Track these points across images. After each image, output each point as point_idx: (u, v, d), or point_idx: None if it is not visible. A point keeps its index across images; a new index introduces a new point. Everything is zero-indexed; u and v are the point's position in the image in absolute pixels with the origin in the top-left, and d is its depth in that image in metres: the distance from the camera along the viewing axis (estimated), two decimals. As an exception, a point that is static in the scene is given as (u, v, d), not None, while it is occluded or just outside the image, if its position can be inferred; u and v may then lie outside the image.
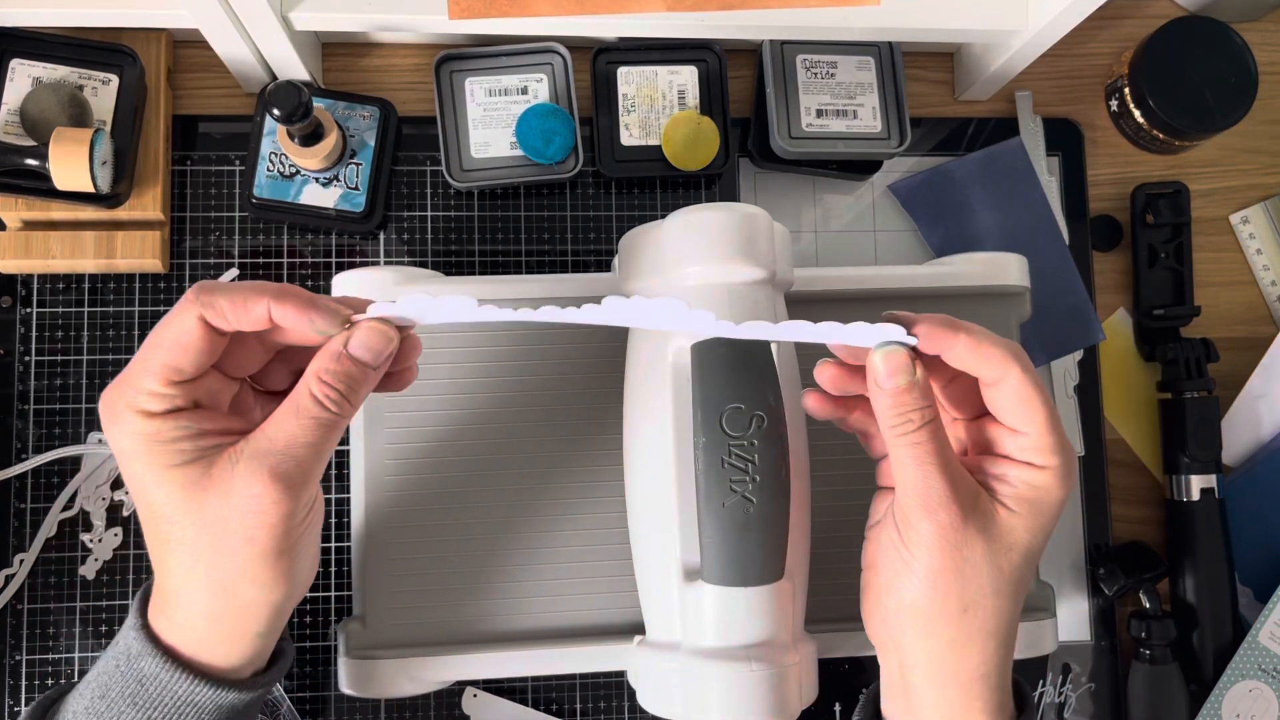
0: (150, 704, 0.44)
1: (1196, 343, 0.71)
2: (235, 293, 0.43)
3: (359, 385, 0.44)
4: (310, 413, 0.43)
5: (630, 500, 0.57)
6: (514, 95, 0.68)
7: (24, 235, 0.64)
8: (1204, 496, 0.69)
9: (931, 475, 0.43)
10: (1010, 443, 0.45)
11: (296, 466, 0.43)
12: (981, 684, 0.45)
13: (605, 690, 0.67)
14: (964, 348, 0.44)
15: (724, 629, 0.51)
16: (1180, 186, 0.74)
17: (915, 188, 0.73)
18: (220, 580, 0.43)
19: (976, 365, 0.44)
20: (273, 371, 0.48)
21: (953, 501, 0.43)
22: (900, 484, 0.44)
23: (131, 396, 0.43)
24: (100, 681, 0.46)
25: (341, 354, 0.43)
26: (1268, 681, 0.66)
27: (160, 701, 0.44)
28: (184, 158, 0.69)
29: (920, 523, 0.43)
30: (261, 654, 0.47)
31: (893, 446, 0.44)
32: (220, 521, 0.42)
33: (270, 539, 0.43)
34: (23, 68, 0.64)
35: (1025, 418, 0.44)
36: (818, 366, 0.48)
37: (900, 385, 0.43)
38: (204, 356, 0.43)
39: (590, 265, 0.70)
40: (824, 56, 0.69)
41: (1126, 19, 0.76)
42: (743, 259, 0.53)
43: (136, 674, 0.44)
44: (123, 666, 0.45)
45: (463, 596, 0.59)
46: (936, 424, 0.44)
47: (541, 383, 0.60)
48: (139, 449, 0.42)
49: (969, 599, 0.44)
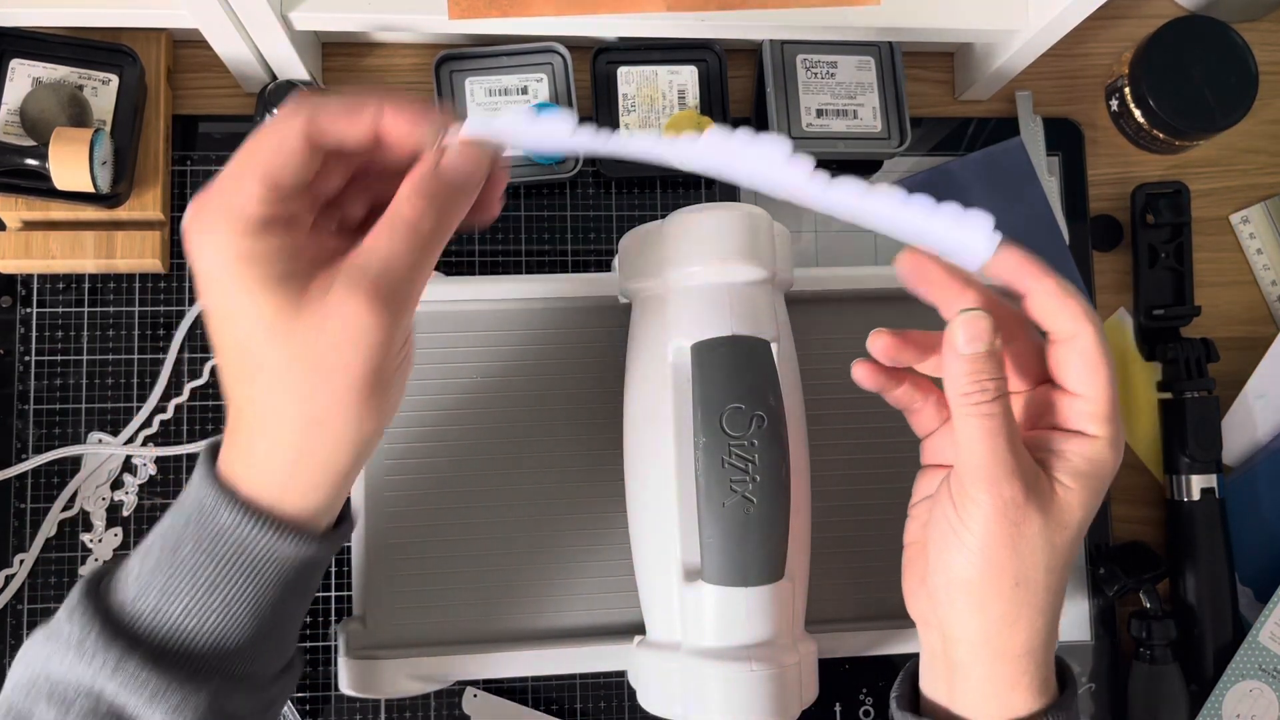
0: (229, 558, 0.42)
1: (1196, 343, 0.71)
2: (343, 99, 0.41)
3: (454, 206, 0.41)
4: (407, 230, 0.40)
5: (630, 500, 0.57)
6: (514, 95, 0.68)
7: (24, 235, 0.64)
8: (1204, 496, 0.69)
9: (1000, 448, 0.42)
10: (1067, 407, 0.45)
11: (395, 288, 0.40)
12: (1028, 659, 0.45)
13: (605, 690, 0.67)
14: (1049, 292, 0.43)
15: (724, 629, 0.51)
16: (1180, 186, 0.74)
17: (915, 188, 0.72)
18: (310, 413, 0.40)
19: (1055, 315, 0.43)
20: (350, 199, 0.45)
21: (1016, 476, 0.42)
22: (964, 455, 0.43)
23: (228, 203, 0.39)
24: (168, 540, 0.43)
25: (436, 172, 0.41)
26: (1268, 681, 0.66)
27: (240, 555, 0.42)
28: (184, 158, 0.69)
29: (980, 495, 0.43)
30: (334, 506, 0.44)
31: (961, 416, 0.43)
32: (313, 348, 0.39)
33: (366, 368, 0.40)
34: (23, 68, 0.64)
35: (1089, 380, 0.43)
36: (871, 335, 0.47)
37: (979, 351, 0.42)
38: (304, 171, 0.40)
39: (590, 265, 0.70)
40: (824, 56, 0.69)
41: (1126, 19, 0.76)
42: (743, 259, 0.53)
43: (213, 528, 0.42)
44: (195, 522, 0.42)
45: (463, 596, 0.59)
46: (1007, 396, 0.43)
47: (542, 383, 0.60)
48: (229, 266, 0.39)
49: (1022, 574, 0.43)
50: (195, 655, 0.42)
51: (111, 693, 0.41)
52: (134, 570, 0.43)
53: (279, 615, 0.44)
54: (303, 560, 0.43)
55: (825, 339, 0.61)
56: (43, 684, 0.42)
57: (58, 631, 0.42)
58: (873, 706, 0.68)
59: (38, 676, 0.42)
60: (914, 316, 0.62)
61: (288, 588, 0.44)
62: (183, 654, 0.42)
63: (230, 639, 0.42)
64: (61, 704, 0.41)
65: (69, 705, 0.41)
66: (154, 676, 0.41)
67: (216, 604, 0.42)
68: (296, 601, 0.45)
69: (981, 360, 0.42)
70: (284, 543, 0.42)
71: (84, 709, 0.41)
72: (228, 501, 0.42)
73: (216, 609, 0.42)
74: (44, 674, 0.42)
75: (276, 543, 0.42)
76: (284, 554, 0.42)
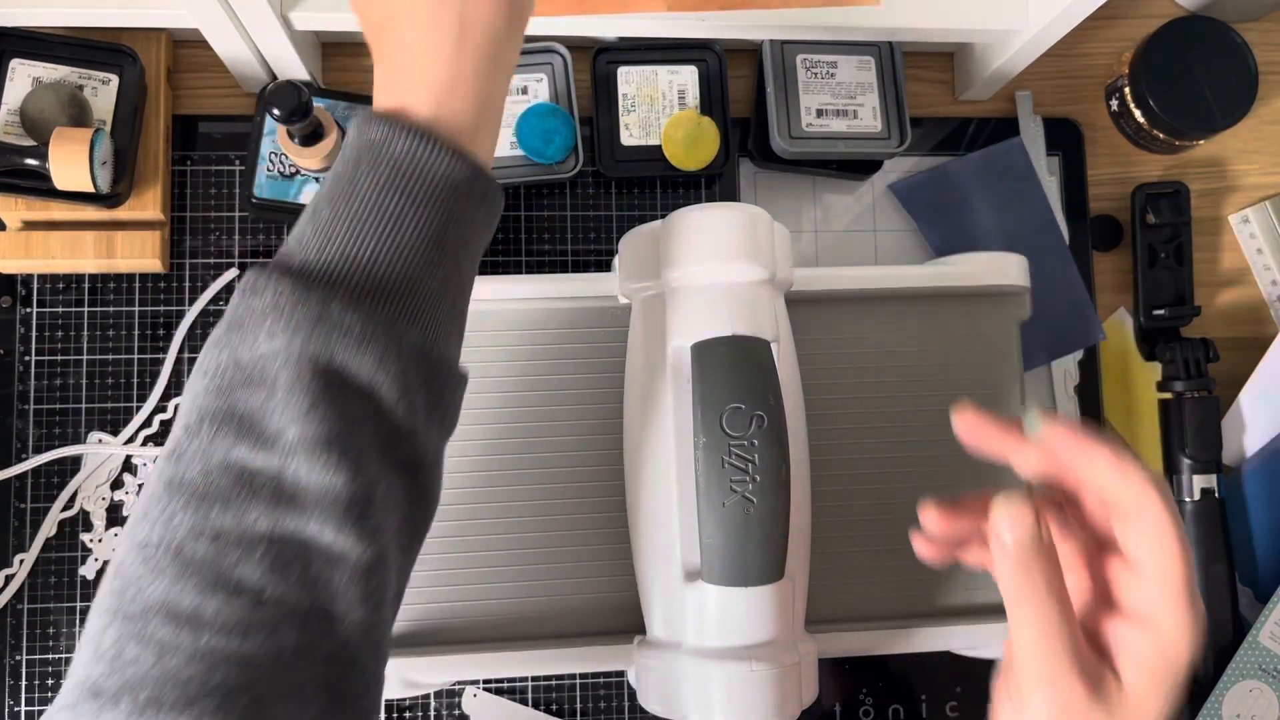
0: (410, 187, 0.41)
1: (1196, 343, 0.71)
2: None
3: None
4: None
5: (630, 500, 0.57)
6: (514, 95, 0.68)
7: (24, 235, 0.64)
8: (1204, 496, 0.69)
9: (1055, 644, 0.39)
10: (1134, 586, 0.40)
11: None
12: None
13: (605, 690, 0.67)
14: (1105, 464, 0.39)
15: (724, 629, 0.51)
16: (1180, 186, 0.74)
17: (915, 188, 0.73)
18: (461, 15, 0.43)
19: (1115, 487, 0.39)
20: None
21: (1075, 674, 0.38)
22: (1018, 652, 0.40)
23: None
24: (337, 192, 0.42)
25: None
26: (1268, 681, 0.66)
27: (421, 180, 0.41)
28: (184, 158, 0.69)
29: (1036, 695, 0.39)
30: (489, 133, 0.45)
31: (1012, 610, 0.40)
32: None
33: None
34: (23, 68, 0.64)
35: (1159, 555, 0.38)
36: (920, 510, 0.44)
37: (1024, 544, 0.39)
38: None
39: (590, 265, 0.70)
40: (824, 56, 0.69)
41: (1126, 19, 0.76)
42: (743, 259, 0.53)
43: (389, 161, 0.41)
44: (368, 162, 0.42)
45: (462, 596, 0.59)
46: (1062, 588, 0.39)
47: (542, 383, 0.60)
48: None
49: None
50: (393, 293, 0.40)
51: (315, 349, 0.38)
52: (305, 235, 0.41)
53: (460, 256, 0.44)
54: (478, 185, 0.43)
55: (825, 339, 0.61)
56: (232, 375, 0.39)
57: (235, 321, 0.39)
58: (873, 706, 0.68)
59: (223, 371, 0.39)
60: (913, 316, 0.63)
61: (467, 221, 0.43)
62: (382, 293, 0.40)
63: (421, 278, 0.41)
64: (261, 382, 0.38)
65: (272, 379, 0.38)
66: (359, 319, 0.39)
67: (407, 237, 0.41)
68: (476, 241, 0.45)
69: (1028, 552, 0.39)
70: (457, 162, 0.42)
71: (290, 378, 0.38)
72: (400, 130, 0.42)
73: (407, 242, 0.41)
74: (230, 364, 0.39)
75: (451, 162, 0.42)
76: (459, 174, 0.42)
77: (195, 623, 0.36)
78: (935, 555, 0.45)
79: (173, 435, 0.39)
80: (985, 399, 0.63)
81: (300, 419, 0.38)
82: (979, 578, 0.62)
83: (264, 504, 0.37)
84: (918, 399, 0.62)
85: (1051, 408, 0.72)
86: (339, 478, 0.38)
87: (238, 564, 0.37)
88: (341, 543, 0.38)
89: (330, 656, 0.38)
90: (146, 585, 0.36)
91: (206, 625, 0.36)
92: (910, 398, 0.62)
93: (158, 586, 0.36)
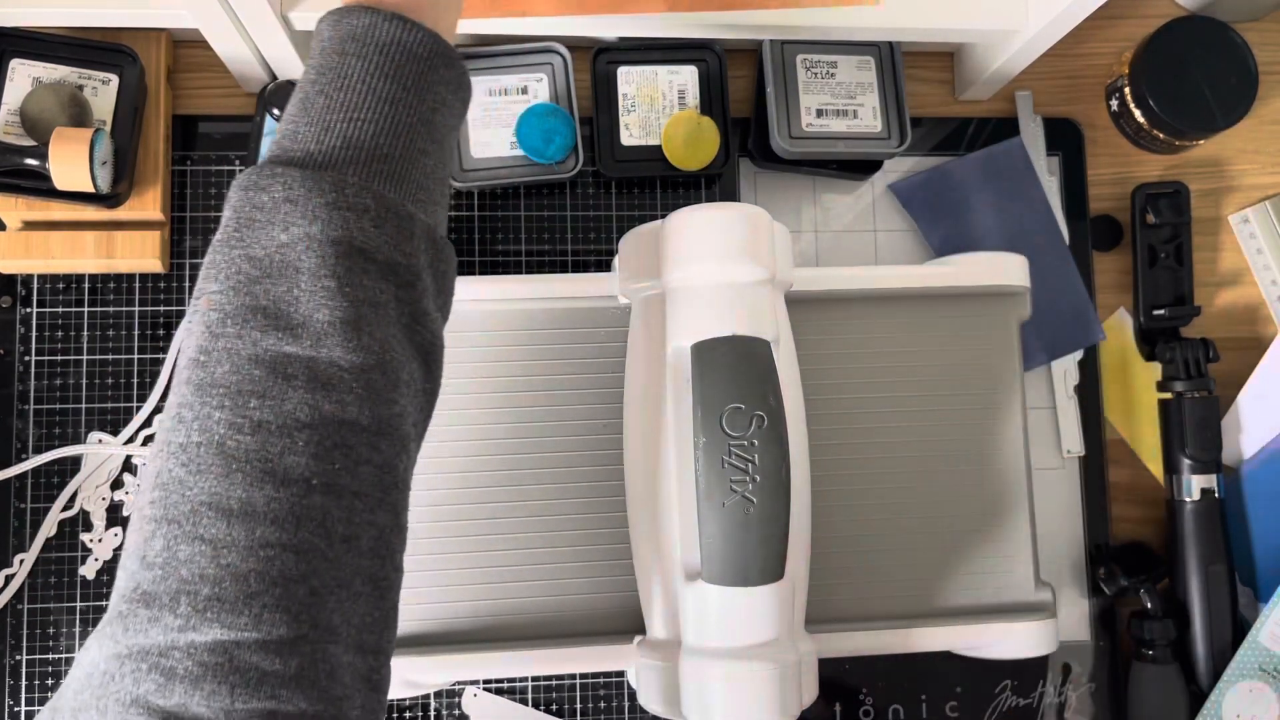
0: (398, 69, 0.42)
1: (1196, 343, 0.71)
2: None
3: None
4: None
5: (630, 500, 0.57)
6: (514, 95, 0.68)
7: (24, 235, 0.64)
8: (1204, 496, 0.69)
9: None
10: None
11: None
12: None
13: (605, 690, 0.67)
14: None
15: (724, 629, 0.51)
16: (1180, 186, 0.74)
17: (915, 188, 0.73)
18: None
19: None
20: None
21: None
22: None
23: None
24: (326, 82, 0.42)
25: None
26: (1268, 681, 0.66)
27: (409, 61, 0.42)
28: (184, 158, 0.69)
29: None
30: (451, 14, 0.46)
31: None
32: None
33: None
34: (23, 68, 0.64)
35: None
36: None
37: None
38: None
39: (590, 265, 0.70)
40: (824, 56, 0.69)
41: (1126, 19, 0.76)
42: (743, 259, 0.53)
43: (375, 45, 0.42)
44: (354, 52, 0.42)
45: (463, 596, 0.59)
46: None
47: (542, 383, 0.60)
48: None
49: None
50: (398, 175, 0.41)
51: (336, 233, 0.38)
52: (299, 127, 0.41)
53: (446, 137, 0.45)
54: (456, 69, 0.44)
55: (825, 339, 0.61)
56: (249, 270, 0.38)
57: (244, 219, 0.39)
58: (872, 706, 0.68)
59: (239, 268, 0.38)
60: (914, 316, 0.63)
61: (448, 103, 0.44)
62: (388, 174, 0.41)
63: (419, 158, 0.42)
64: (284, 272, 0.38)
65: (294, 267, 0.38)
66: (373, 200, 0.39)
67: (403, 118, 0.42)
68: (455, 123, 0.46)
69: None
70: (437, 45, 0.43)
71: (314, 263, 0.38)
72: (383, 17, 0.42)
73: (404, 123, 0.42)
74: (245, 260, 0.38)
75: (433, 45, 0.43)
76: (440, 57, 0.43)
77: (248, 515, 0.35)
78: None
79: (190, 342, 0.39)
80: (985, 399, 0.63)
81: (328, 302, 0.38)
82: (979, 578, 0.62)
83: (301, 390, 0.37)
84: (918, 399, 0.62)
85: (1051, 408, 0.72)
86: (370, 357, 0.38)
87: (283, 453, 0.36)
88: (377, 425, 0.38)
89: (371, 549, 0.38)
90: (192, 485, 0.36)
91: (260, 517, 0.35)
92: (910, 397, 0.62)
93: (204, 484, 0.36)
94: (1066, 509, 0.71)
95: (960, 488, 0.62)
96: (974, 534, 0.62)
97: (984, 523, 0.62)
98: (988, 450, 0.62)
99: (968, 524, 0.62)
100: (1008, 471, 0.63)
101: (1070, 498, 0.71)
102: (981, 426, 0.62)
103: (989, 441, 0.62)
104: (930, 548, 0.62)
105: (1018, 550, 0.62)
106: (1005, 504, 0.62)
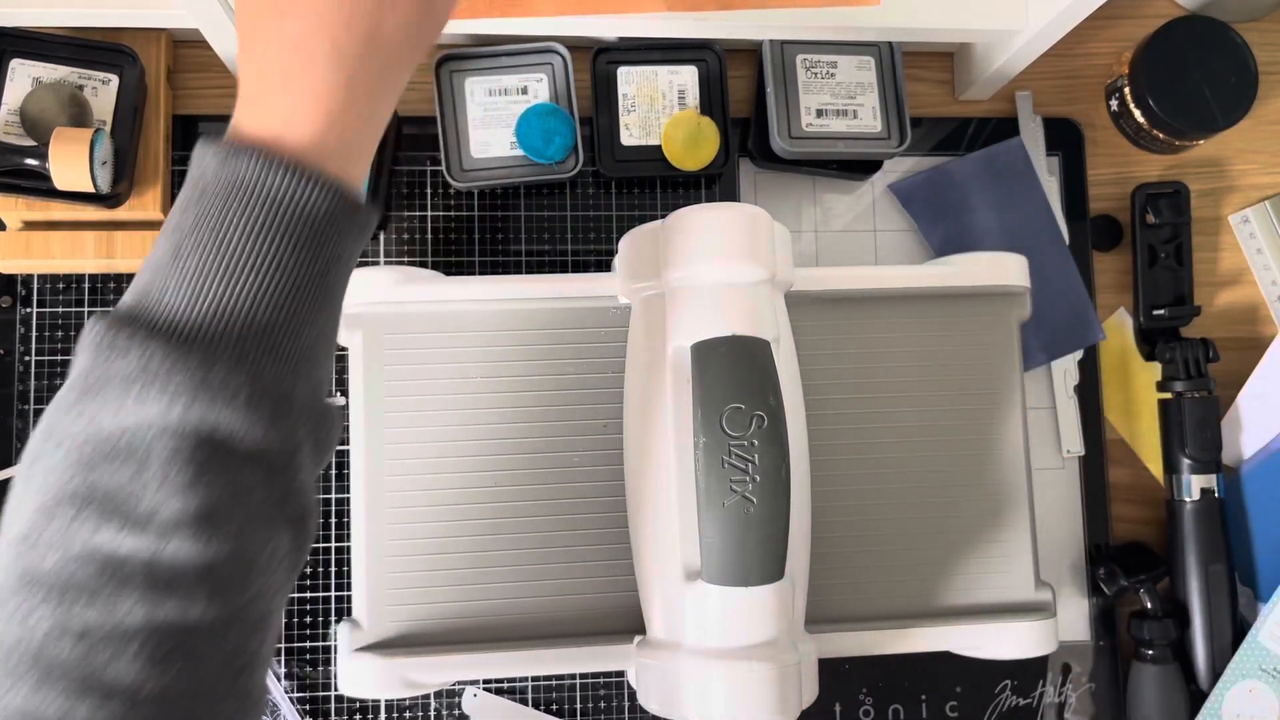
0: (288, 230, 0.37)
1: (1196, 343, 0.71)
2: None
3: None
4: None
5: (630, 500, 0.57)
6: (514, 95, 0.68)
7: (24, 235, 0.64)
8: (1204, 496, 0.69)
9: None
10: None
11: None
12: None
13: (605, 690, 0.67)
14: None
15: (724, 629, 0.51)
16: (1180, 186, 0.74)
17: (915, 188, 0.73)
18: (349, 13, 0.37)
19: None
20: None
21: None
22: None
23: None
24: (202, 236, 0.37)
25: None
26: (1268, 681, 0.66)
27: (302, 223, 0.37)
28: (184, 158, 0.68)
29: None
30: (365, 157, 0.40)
31: None
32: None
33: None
34: (23, 68, 0.64)
35: None
36: None
37: None
38: None
39: (590, 265, 0.70)
40: (824, 56, 0.69)
41: (1126, 19, 0.76)
42: (743, 259, 0.54)
43: (264, 199, 0.36)
44: (238, 202, 0.36)
45: (462, 596, 0.59)
46: None
47: (542, 383, 0.60)
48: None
49: None
50: (279, 349, 0.37)
51: (197, 417, 0.35)
52: (167, 284, 0.36)
53: (339, 290, 0.40)
54: (360, 218, 0.39)
55: (825, 339, 0.61)
56: (93, 448, 0.34)
57: (91, 385, 0.35)
58: (873, 706, 0.68)
59: (81, 442, 0.35)
60: (914, 316, 0.63)
61: (347, 256, 0.40)
62: (267, 348, 0.36)
63: (304, 326, 0.38)
64: (130, 456, 0.34)
65: (144, 452, 0.34)
66: (245, 381, 0.35)
67: (289, 283, 0.37)
68: (350, 269, 0.41)
69: None
70: (339, 198, 0.38)
71: (167, 450, 0.34)
72: (276, 166, 0.37)
73: (289, 288, 0.37)
74: (89, 434, 0.35)
75: (334, 199, 0.37)
76: (341, 210, 0.38)
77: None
78: None
79: (20, 513, 0.35)
80: (985, 399, 0.63)
81: (180, 493, 0.34)
82: (979, 578, 0.62)
83: (137, 593, 0.33)
84: (918, 399, 0.62)
85: (1051, 407, 0.72)
86: (224, 548, 0.35)
87: (109, 663, 0.33)
88: (226, 617, 0.35)
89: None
90: (4, 691, 0.32)
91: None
92: (910, 398, 0.62)
93: (15, 696, 0.32)
94: (1066, 509, 0.71)
95: (960, 488, 0.62)
96: (974, 534, 0.62)
97: (984, 522, 0.62)
98: (988, 450, 0.62)
99: (968, 524, 0.62)
100: (1007, 471, 0.63)
101: (1070, 498, 0.71)
102: (981, 426, 0.62)
103: (989, 441, 0.63)
104: (930, 547, 0.62)
105: (1018, 550, 0.62)
106: (1005, 504, 0.62)
